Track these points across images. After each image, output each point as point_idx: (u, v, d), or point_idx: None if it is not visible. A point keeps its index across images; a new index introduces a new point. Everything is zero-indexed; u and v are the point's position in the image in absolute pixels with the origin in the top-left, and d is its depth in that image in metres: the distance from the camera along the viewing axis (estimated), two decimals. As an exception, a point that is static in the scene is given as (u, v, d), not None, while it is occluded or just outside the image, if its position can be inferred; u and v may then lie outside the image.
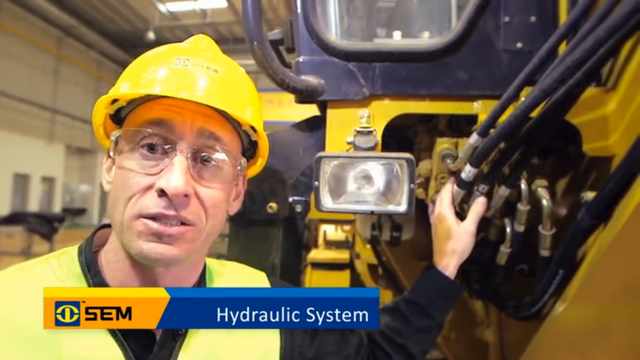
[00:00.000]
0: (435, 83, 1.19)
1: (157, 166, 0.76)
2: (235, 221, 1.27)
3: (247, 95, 0.87)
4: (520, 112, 0.99)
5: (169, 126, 0.77)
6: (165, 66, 0.79)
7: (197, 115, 0.79)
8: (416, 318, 1.12)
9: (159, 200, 0.74)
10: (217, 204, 0.82)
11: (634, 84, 1.10)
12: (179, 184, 0.73)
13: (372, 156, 1.07)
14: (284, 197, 1.25)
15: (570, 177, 1.36)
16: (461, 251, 1.17)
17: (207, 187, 0.79)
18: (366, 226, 1.76)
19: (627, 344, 1.09)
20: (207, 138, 0.80)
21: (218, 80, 0.81)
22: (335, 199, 1.08)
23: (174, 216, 0.75)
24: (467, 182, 1.14)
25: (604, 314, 1.10)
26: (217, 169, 0.81)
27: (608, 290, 1.07)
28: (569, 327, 1.19)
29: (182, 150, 0.76)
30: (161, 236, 0.74)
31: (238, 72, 0.88)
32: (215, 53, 0.88)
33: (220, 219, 0.84)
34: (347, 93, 1.20)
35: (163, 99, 0.78)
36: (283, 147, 1.28)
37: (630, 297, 1.05)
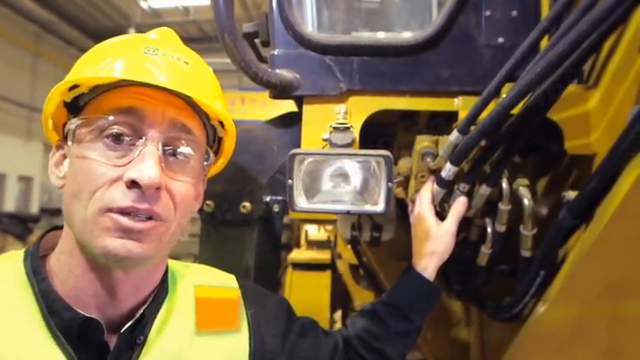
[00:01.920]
0: (415, 79, 1.15)
1: (124, 157, 0.71)
2: (207, 221, 1.22)
3: (215, 90, 0.84)
4: (501, 108, 0.96)
5: (139, 115, 0.72)
6: (134, 53, 0.75)
7: (168, 105, 0.75)
8: (394, 321, 1.08)
9: (130, 192, 0.69)
10: (186, 200, 0.77)
11: (615, 81, 1.08)
12: (153, 174, 0.69)
13: (348, 153, 1.03)
14: (258, 196, 1.20)
15: (551, 176, 1.34)
16: (441, 252, 1.13)
17: (178, 181, 0.75)
18: (346, 226, 1.71)
19: (607, 343, 1.08)
20: (179, 130, 0.76)
21: (189, 72, 0.78)
22: (309, 198, 1.03)
23: (146, 210, 0.70)
24: (447, 180, 1.10)
25: (585, 314, 1.09)
26: (187, 162, 0.77)
27: (589, 290, 1.06)
28: (550, 328, 1.17)
29: (154, 140, 0.72)
30: (130, 232, 0.69)
31: (206, 67, 0.85)
32: (183, 46, 0.84)
33: (187, 216, 0.80)
34: (324, 88, 1.15)
35: (132, 86, 0.73)
36: (257, 144, 1.23)
37: (611, 297, 1.04)
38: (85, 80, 0.74)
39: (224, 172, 1.22)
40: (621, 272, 1.01)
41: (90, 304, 0.73)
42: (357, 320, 1.12)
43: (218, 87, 0.85)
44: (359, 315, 1.14)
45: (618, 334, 1.08)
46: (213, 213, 1.19)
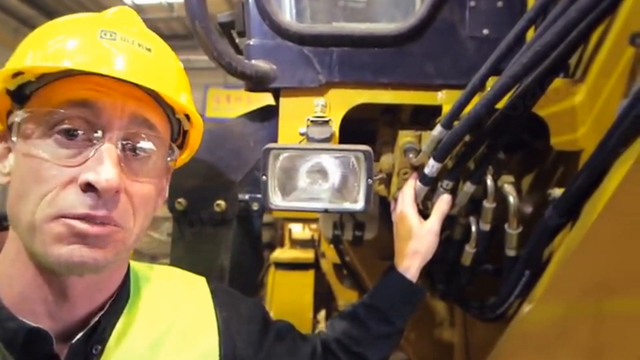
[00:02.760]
0: (397, 71, 1.10)
1: (78, 156, 0.64)
2: (179, 220, 1.16)
3: (180, 79, 0.77)
4: (486, 101, 0.92)
5: (95, 109, 0.66)
6: (88, 38, 0.67)
7: (129, 98, 0.68)
8: (375, 324, 1.04)
9: (84, 197, 0.63)
10: (147, 202, 0.71)
11: (603, 75, 1.05)
12: (111, 177, 0.62)
13: (326, 148, 0.97)
14: (233, 194, 1.14)
15: (537, 173, 1.31)
16: (424, 252, 1.09)
17: (138, 182, 0.69)
18: (328, 225, 1.68)
19: (592, 342, 1.07)
20: (140, 124, 0.69)
21: (151, 60, 0.71)
22: (285, 196, 0.98)
23: (103, 217, 0.64)
24: (430, 177, 1.06)
25: (570, 313, 1.07)
26: (148, 159, 0.71)
27: (575, 290, 1.04)
28: (535, 328, 1.15)
29: (112, 137, 0.65)
30: (86, 237, 0.63)
31: (170, 54, 0.78)
32: (144, 30, 0.77)
33: (149, 218, 0.73)
34: (302, 80, 1.10)
35: (87, 76, 0.66)
36: (233, 139, 1.17)
37: (597, 296, 1.02)
38: (29, 68, 0.66)
39: (198, 169, 1.16)
40: (607, 271, 0.99)
41: (40, 312, 0.67)
42: (337, 323, 1.08)
43: (184, 76, 0.79)
44: (338, 318, 1.09)
45: (602, 332, 1.06)
46: (186, 211, 1.14)
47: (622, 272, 1.00)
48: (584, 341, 1.10)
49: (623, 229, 0.91)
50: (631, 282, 1.01)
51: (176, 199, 1.14)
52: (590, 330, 1.09)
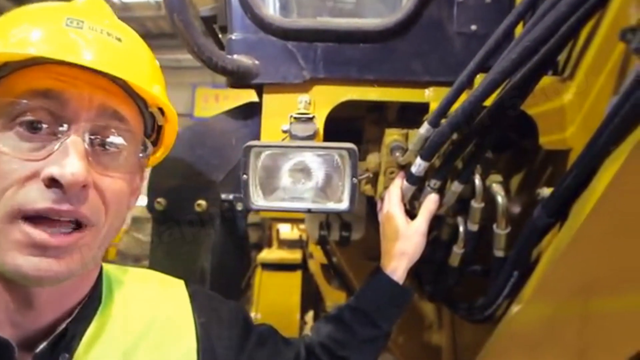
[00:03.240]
0: (383, 67, 1.07)
1: (42, 149, 0.60)
2: (158, 221, 1.12)
3: (153, 71, 0.74)
4: (474, 98, 0.89)
5: (60, 99, 0.62)
6: (54, 26, 0.64)
7: (97, 88, 0.64)
8: (361, 328, 1.01)
9: (48, 192, 0.59)
10: (120, 198, 0.67)
11: (592, 72, 1.04)
12: (77, 170, 0.58)
13: (309, 146, 0.94)
14: (214, 194, 1.10)
15: (525, 173, 1.29)
16: (411, 253, 1.06)
17: (109, 177, 0.65)
18: (314, 225, 1.65)
19: (578, 341, 1.06)
20: (109, 117, 0.65)
21: (121, 50, 0.67)
22: (267, 195, 0.94)
23: (69, 212, 0.60)
24: (417, 176, 1.04)
25: (558, 313, 1.06)
26: (118, 154, 0.67)
27: (564, 291, 1.02)
28: (523, 329, 1.13)
29: (78, 130, 0.62)
30: (45, 248, 0.59)
31: (142, 45, 0.74)
32: (114, 20, 0.73)
33: (122, 217, 0.70)
34: (285, 76, 1.06)
35: (51, 65, 0.62)
36: (214, 137, 1.13)
37: (584, 296, 1.01)
38: None
39: (177, 168, 1.12)
40: (596, 271, 0.98)
41: (1, 320, 0.62)
42: (322, 326, 1.04)
43: (157, 68, 0.76)
44: (323, 321, 1.06)
45: (589, 331, 1.05)
46: (165, 212, 1.10)
47: (610, 272, 0.99)
48: (571, 341, 1.10)
49: (612, 228, 0.89)
50: (618, 281, 1.00)
51: (155, 198, 1.10)
52: (577, 330, 1.08)
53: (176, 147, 1.14)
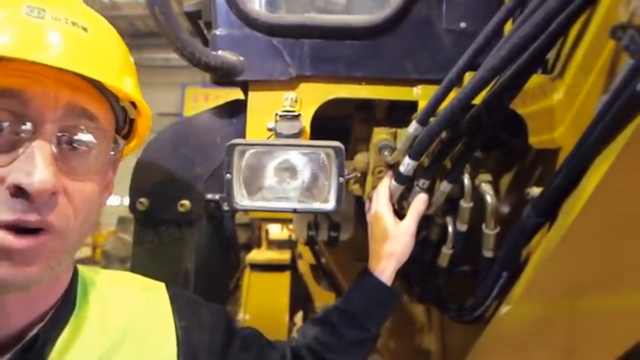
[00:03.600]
0: (371, 65, 1.05)
1: (5, 154, 0.57)
2: (141, 221, 1.09)
3: (124, 62, 0.69)
4: (463, 96, 0.88)
5: (23, 99, 0.58)
6: (11, 14, 0.59)
7: (63, 85, 0.60)
8: (349, 330, 0.99)
9: (14, 201, 0.55)
10: (90, 201, 0.64)
11: (582, 71, 1.03)
12: (45, 179, 0.55)
13: (295, 144, 0.92)
14: (198, 193, 1.07)
15: (515, 172, 1.28)
16: (400, 254, 1.04)
17: (78, 181, 0.61)
18: (302, 225, 1.63)
19: (566, 340, 1.05)
20: (78, 116, 0.62)
21: (87, 42, 0.63)
22: (251, 195, 0.92)
23: (37, 222, 0.56)
24: (405, 176, 1.02)
25: (546, 313, 1.05)
26: (89, 154, 0.63)
27: (553, 291, 1.01)
28: (512, 329, 1.12)
29: (45, 133, 0.58)
30: (10, 252, 0.55)
31: (110, 32, 0.70)
32: (79, 4, 0.68)
33: (93, 219, 0.66)
34: (271, 72, 1.04)
35: (11, 62, 0.58)
36: (198, 135, 1.10)
37: (573, 296, 1.00)
38: None
39: (160, 167, 1.09)
40: (585, 271, 0.97)
41: None
42: (308, 328, 1.02)
43: (127, 58, 0.71)
44: (310, 324, 1.04)
45: (576, 331, 1.04)
46: (147, 212, 1.07)
47: (599, 272, 0.98)
48: (559, 340, 1.09)
49: (602, 228, 0.88)
50: (607, 281, 1.00)
51: (137, 198, 1.07)
52: (565, 329, 1.07)
53: (159, 145, 1.12)
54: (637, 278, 0.97)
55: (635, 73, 0.70)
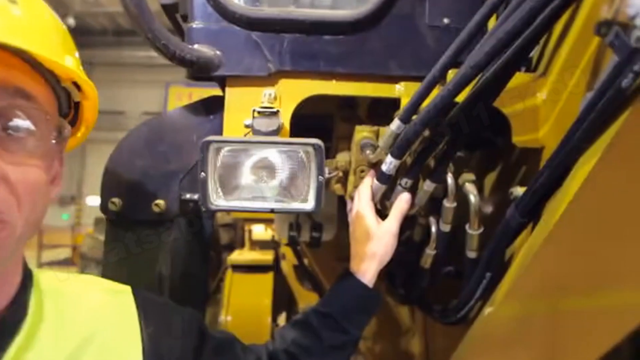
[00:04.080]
0: (352, 61, 1.02)
1: None
2: (113, 222, 1.04)
3: (63, 39, 0.65)
4: (446, 93, 0.85)
5: None
6: None
7: None
8: (329, 333, 0.96)
9: None
10: (35, 188, 0.60)
11: (566, 70, 1.02)
12: None
13: (272, 141, 0.88)
14: (174, 193, 1.03)
15: (499, 171, 1.27)
16: (382, 255, 1.02)
17: (20, 166, 0.57)
18: (284, 226, 1.60)
19: (549, 339, 1.02)
20: (12, 96, 0.57)
21: (19, 15, 0.58)
22: (227, 195, 0.88)
23: None
24: (388, 175, 0.99)
25: (530, 313, 1.04)
26: (29, 139, 0.59)
27: (536, 291, 1.00)
28: (496, 330, 1.11)
29: None
30: None
31: (45, 9, 0.65)
32: None
33: (40, 209, 0.62)
34: (250, 68, 1.00)
35: None
36: (173, 133, 1.06)
37: (556, 295, 0.98)
38: None
39: (134, 165, 1.05)
40: (569, 271, 0.96)
41: None
42: (287, 331, 0.99)
43: (67, 37, 0.67)
44: (289, 326, 1.01)
45: (559, 330, 1.03)
46: (120, 212, 1.02)
47: (583, 271, 0.97)
48: (542, 340, 1.08)
49: (586, 228, 0.87)
50: (590, 280, 0.99)
51: (109, 198, 1.03)
52: (547, 329, 1.06)
53: (132, 143, 1.08)
54: (619, 277, 0.96)
55: (620, 70, 0.68)
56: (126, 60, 15.19)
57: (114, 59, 15.34)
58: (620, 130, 0.70)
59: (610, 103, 0.71)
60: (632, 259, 0.92)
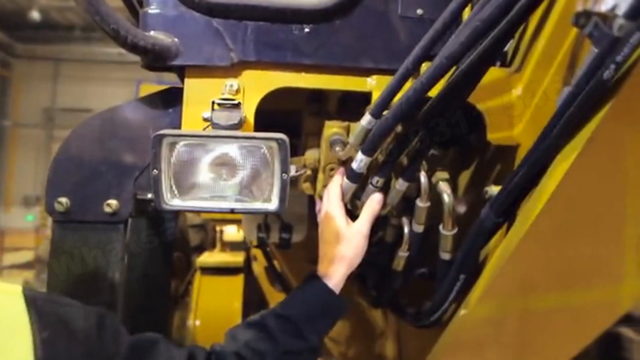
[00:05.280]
0: (321, 52, 0.97)
1: None
2: (59, 223, 0.95)
3: None
4: (420, 86, 0.81)
5: None
6: None
7: None
8: (286, 338, 0.88)
9: None
10: None
11: (541, 66, 0.99)
12: None
13: (232, 136, 0.82)
14: (128, 192, 0.95)
15: (473, 170, 1.24)
16: (351, 257, 0.96)
17: None
18: (252, 227, 1.54)
19: (519, 338, 1.03)
20: None
21: None
22: (183, 193, 0.81)
23: None
24: (358, 173, 0.94)
25: (503, 314, 1.02)
26: None
27: (510, 293, 0.98)
28: (469, 333, 1.09)
29: None
30: None
31: None
32: None
33: None
34: (210, 57, 0.93)
35: None
36: (128, 128, 0.98)
37: (529, 295, 0.97)
38: None
39: (83, 162, 0.97)
40: (544, 271, 0.94)
41: None
42: (240, 332, 0.91)
43: None
44: (243, 326, 0.93)
45: (529, 329, 1.02)
46: (68, 213, 0.94)
47: (558, 272, 0.96)
48: (516, 341, 1.05)
49: (563, 228, 0.85)
50: (565, 281, 0.97)
51: (56, 198, 0.94)
52: (521, 330, 1.04)
53: (82, 137, 0.99)
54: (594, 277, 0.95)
55: (601, 61, 0.64)
56: (96, 57, 14.77)
57: (82, 55, 14.89)
58: (601, 123, 0.66)
59: (591, 96, 0.67)
60: (610, 258, 0.91)
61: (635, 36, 0.57)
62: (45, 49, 14.64)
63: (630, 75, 0.60)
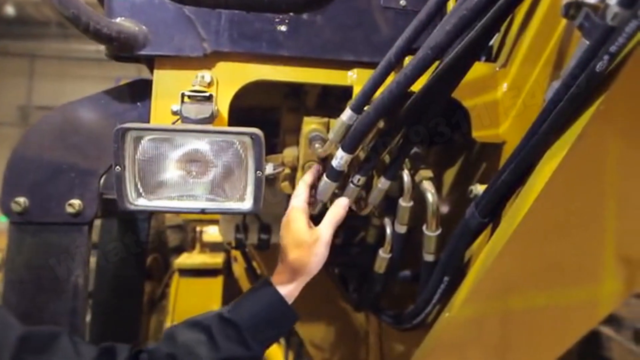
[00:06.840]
0: (299, 43, 0.92)
1: None
2: (17, 225, 0.89)
3: None
4: (403, 79, 0.77)
5: None
6: None
7: None
8: (228, 344, 0.82)
9: None
10: None
11: (527, 62, 0.97)
12: None
13: (203, 130, 0.76)
14: (92, 192, 0.89)
15: (457, 168, 1.21)
16: (309, 265, 0.87)
17: None
18: (229, 227, 1.48)
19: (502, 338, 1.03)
20: None
21: None
22: (149, 192, 0.75)
23: None
24: (338, 171, 0.89)
25: (485, 316, 1.00)
26: None
27: (494, 294, 0.96)
28: (453, 336, 1.06)
29: None
30: None
31: None
32: None
33: None
34: (181, 47, 0.87)
35: None
36: (92, 122, 0.92)
37: (513, 296, 0.95)
38: None
39: (43, 160, 0.90)
40: (529, 272, 0.91)
41: None
42: (179, 331, 0.84)
43: None
44: (183, 326, 0.85)
45: (512, 329, 1.01)
46: (25, 213, 0.87)
47: (544, 273, 0.94)
48: (500, 343, 1.04)
49: (550, 227, 0.82)
50: (551, 282, 0.95)
51: (13, 197, 0.87)
52: (506, 332, 1.02)
53: (42, 133, 0.92)
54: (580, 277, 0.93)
55: (594, 52, 0.61)
56: (73, 54, 14.45)
57: (60, 52, 14.55)
58: (593, 117, 0.63)
59: (582, 89, 0.64)
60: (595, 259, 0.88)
61: (631, 24, 0.53)
62: (20, 45, 14.28)
63: (626, 65, 0.56)
